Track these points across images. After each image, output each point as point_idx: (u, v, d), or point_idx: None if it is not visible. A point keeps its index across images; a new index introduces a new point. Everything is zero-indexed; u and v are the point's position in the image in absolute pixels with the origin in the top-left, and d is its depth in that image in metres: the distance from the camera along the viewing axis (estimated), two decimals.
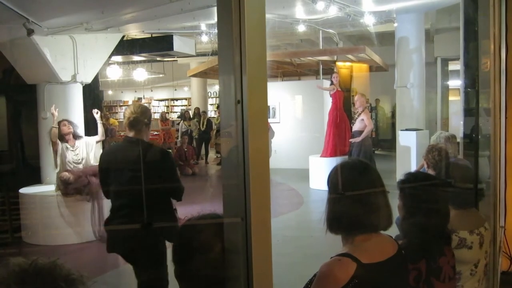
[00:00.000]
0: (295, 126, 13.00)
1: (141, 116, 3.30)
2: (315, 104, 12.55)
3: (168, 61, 16.47)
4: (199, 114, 15.47)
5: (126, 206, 3.25)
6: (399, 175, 2.36)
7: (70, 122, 6.45)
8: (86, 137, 6.71)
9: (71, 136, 6.35)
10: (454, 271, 2.26)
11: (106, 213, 6.41)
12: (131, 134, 3.30)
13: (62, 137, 6.29)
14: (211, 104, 21.34)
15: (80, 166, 6.38)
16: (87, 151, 6.49)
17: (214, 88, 21.34)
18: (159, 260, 3.25)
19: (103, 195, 3.53)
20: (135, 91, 22.66)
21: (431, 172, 3.45)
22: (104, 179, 3.42)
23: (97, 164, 6.45)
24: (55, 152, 6.28)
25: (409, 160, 9.11)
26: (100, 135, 6.52)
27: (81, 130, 6.94)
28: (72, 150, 6.36)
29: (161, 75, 19.01)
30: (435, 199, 2.27)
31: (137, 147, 3.27)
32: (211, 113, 20.20)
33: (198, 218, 1.44)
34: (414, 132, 9.50)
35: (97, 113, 6.31)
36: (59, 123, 6.31)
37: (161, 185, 3.27)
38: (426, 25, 11.11)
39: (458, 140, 4.46)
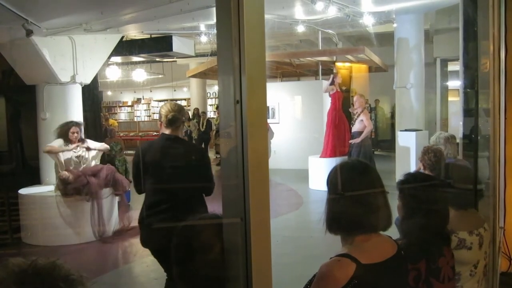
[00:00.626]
0: (294, 126, 13.01)
1: (178, 114, 3.39)
2: (315, 105, 12.56)
3: (167, 61, 16.47)
4: (199, 114, 15.45)
5: (164, 201, 3.30)
6: (399, 176, 2.36)
7: (78, 126, 6.45)
8: (92, 142, 6.70)
9: (76, 140, 6.34)
10: (453, 272, 2.26)
11: (106, 213, 6.48)
12: (167, 131, 3.36)
13: (67, 138, 6.29)
14: (210, 105, 21.35)
15: (80, 165, 6.39)
16: (89, 154, 6.51)
17: (214, 88, 21.35)
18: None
19: (136, 191, 3.56)
20: (134, 92, 22.69)
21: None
22: (139, 175, 3.45)
23: (96, 165, 6.53)
24: (57, 158, 6.31)
25: (408, 161, 9.11)
26: (103, 148, 6.76)
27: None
28: (74, 151, 6.37)
29: (160, 76, 19.01)
30: (435, 200, 2.27)
31: (176, 144, 3.37)
32: (211, 113, 20.20)
33: (198, 219, 1.44)
34: (414, 133, 9.50)
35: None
36: (66, 123, 6.33)
37: (198, 181, 3.36)
38: (425, 26, 11.11)
39: (458, 140, 4.47)
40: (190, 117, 15.29)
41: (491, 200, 3.40)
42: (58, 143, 6.30)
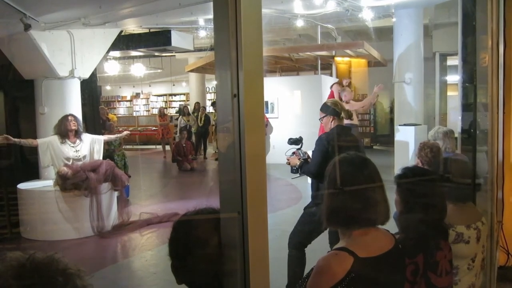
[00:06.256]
0: (293, 121, 13.00)
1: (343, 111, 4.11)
2: (314, 100, 12.54)
3: (166, 56, 16.44)
4: (199, 109, 15.42)
5: None
6: (397, 170, 2.36)
7: (75, 118, 6.48)
8: (96, 136, 6.73)
9: (73, 132, 6.37)
10: (451, 266, 2.27)
11: (105, 208, 6.49)
12: (338, 123, 4.03)
13: (66, 133, 6.32)
14: (209, 99, 21.30)
15: (80, 162, 6.40)
16: (91, 148, 6.53)
17: (213, 83, 21.32)
18: None
19: (315, 177, 4.01)
20: (133, 86, 22.66)
21: None
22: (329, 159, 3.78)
23: (95, 160, 6.52)
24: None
25: (407, 155, 9.12)
26: (112, 137, 7.15)
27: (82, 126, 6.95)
28: (73, 146, 6.38)
29: (159, 70, 18.99)
30: (432, 194, 2.28)
31: (348, 131, 4.13)
32: (210, 108, 20.17)
33: (195, 213, 1.44)
34: (413, 127, 9.50)
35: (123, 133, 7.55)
36: (64, 117, 6.36)
37: None
38: (424, 20, 11.09)
39: (456, 135, 4.47)
40: (189, 111, 15.27)
41: (489, 194, 3.41)
42: (53, 138, 6.33)
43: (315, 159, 3.96)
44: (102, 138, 6.83)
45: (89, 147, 6.54)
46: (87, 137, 6.59)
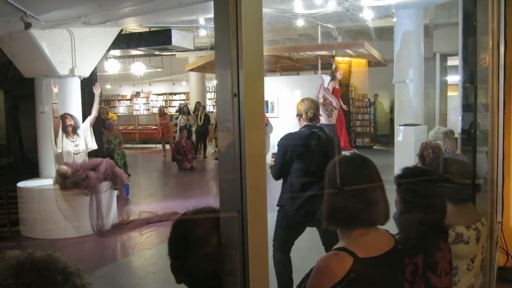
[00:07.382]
0: (293, 121, 12.95)
1: (316, 111, 4.00)
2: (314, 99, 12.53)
3: (166, 55, 16.43)
4: (200, 108, 15.41)
5: (312, 183, 3.67)
6: (397, 171, 2.36)
7: (71, 116, 6.53)
8: (82, 124, 6.76)
9: (71, 128, 6.41)
10: (450, 266, 2.27)
11: (104, 207, 6.49)
12: (307, 123, 3.97)
13: (64, 129, 6.37)
14: (209, 99, 21.29)
15: (79, 156, 6.42)
16: (84, 138, 6.56)
17: (213, 82, 21.31)
18: None
19: (275, 178, 4.01)
20: (133, 85, 22.64)
21: None
22: (288, 161, 3.84)
23: (95, 159, 6.53)
24: (56, 131, 6.33)
25: (407, 156, 9.11)
26: (94, 111, 6.79)
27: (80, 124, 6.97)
28: (73, 141, 6.42)
29: (159, 69, 18.98)
30: (432, 194, 2.28)
31: (320, 132, 3.93)
32: (210, 107, 20.16)
33: (194, 212, 1.44)
34: (413, 128, 9.50)
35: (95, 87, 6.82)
36: (61, 116, 6.40)
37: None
38: (425, 20, 11.08)
39: (456, 135, 4.47)
40: (189, 110, 15.27)
41: (489, 195, 3.41)
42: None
43: (275, 160, 4.00)
44: (87, 121, 6.77)
45: (83, 138, 6.58)
46: (80, 131, 6.62)
